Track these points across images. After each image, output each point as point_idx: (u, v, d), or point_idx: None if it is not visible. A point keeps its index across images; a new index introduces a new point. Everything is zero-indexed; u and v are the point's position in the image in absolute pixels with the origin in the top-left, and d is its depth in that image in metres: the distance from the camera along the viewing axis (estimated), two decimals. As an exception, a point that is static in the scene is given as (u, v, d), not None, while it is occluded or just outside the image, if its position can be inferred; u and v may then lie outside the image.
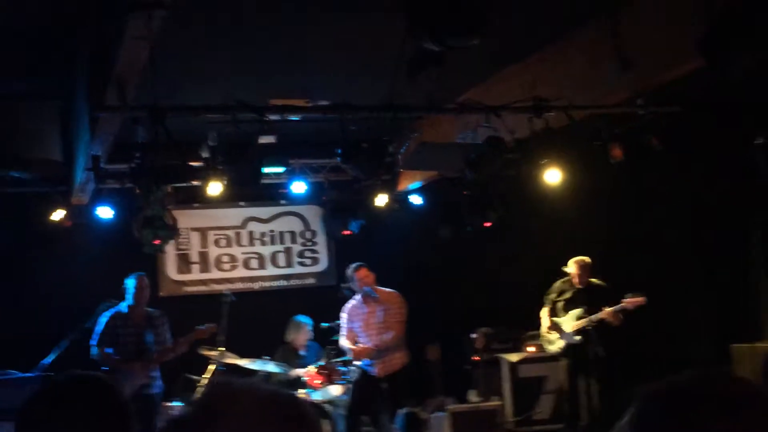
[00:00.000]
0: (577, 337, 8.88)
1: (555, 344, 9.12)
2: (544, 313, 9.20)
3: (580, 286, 8.97)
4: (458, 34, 4.24)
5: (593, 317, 8.70)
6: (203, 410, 1.44)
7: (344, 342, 9.03)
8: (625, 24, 6.51)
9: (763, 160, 6.49)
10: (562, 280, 9.18)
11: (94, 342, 8.28)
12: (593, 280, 8.99)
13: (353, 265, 9.06)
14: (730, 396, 1.41)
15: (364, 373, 8.84)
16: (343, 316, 9.06)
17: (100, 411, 2.02)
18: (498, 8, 4.79)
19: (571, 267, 9.03)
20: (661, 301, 9.11)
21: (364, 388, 8.78)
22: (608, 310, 8.60)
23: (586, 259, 9.00)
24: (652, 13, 6.31)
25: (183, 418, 1.47)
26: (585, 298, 8.87)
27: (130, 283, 8.44)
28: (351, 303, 9.12)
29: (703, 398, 1.41)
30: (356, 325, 8.94)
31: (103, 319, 8.36)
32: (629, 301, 8.53)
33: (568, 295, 9.07)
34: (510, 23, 6.08)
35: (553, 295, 9.18)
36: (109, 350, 8.29)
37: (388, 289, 9.01)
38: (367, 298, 8.92)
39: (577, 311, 8.89)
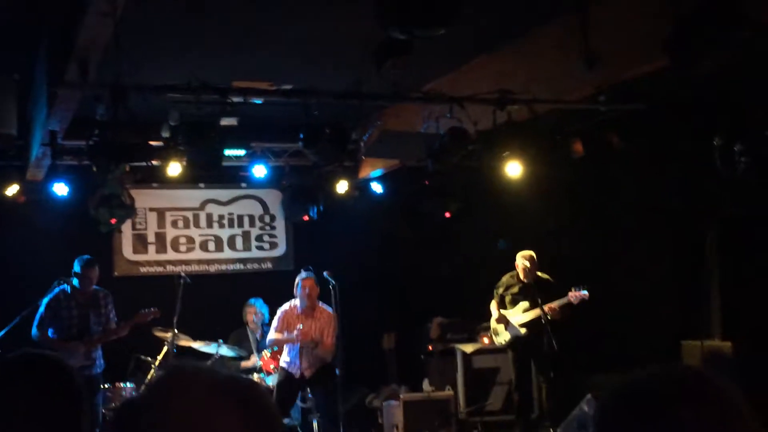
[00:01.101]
0: (523, 330, 8.97)
1: (501, 336, 9.23)
2: (494, 306, 9.28)
3: (525, 280, 9.04)
4: (425, 23, 4.22)
5: (537, 311, 8.77)
6: (157, 392, 1.42)
7: (274, 335, 8.85)
8: (593, 20, 6.54)
9: (721, 161, 6.58)
10: (510, 273, 9.26)
11: (35, 324, 8.18)
12: (540, 274, 9.07)
13: (304, 273, 8.89)
14: (691, 389, 1.42)
15: (287, 375, 8.73)
16: (278, 316, 8.88)
17: (51, 390, 1.99)
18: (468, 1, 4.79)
19: (518, 261, 9.10)
20: (615, 296, 9.23)
21: (287, 390, 8.68)
22: (552, 305, 8.68)
23: (532, 253, 9.09)
24: (620, 11, 6.35)
25: (137, 400, 1.45)
26: (531, 292, 8.95)
27: (77, 266, 8.30)
28: (288, 307, 8.88)
29: (665, 393, 1.42)
30: (288, 334, 8.77)
31: (45, 300, 8.24)
32: (573, 295, 8.62)
33: (515, 289, 9.16)
34: (478, 14, 6.07)
35: (501, 289, 9.27)
36: (50, 330, 8.18)
37: (326, 307, 8.84)
38: (307, 312, 8.76)
39: (523, 304, 8.99)
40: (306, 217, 9.19)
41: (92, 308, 8.38)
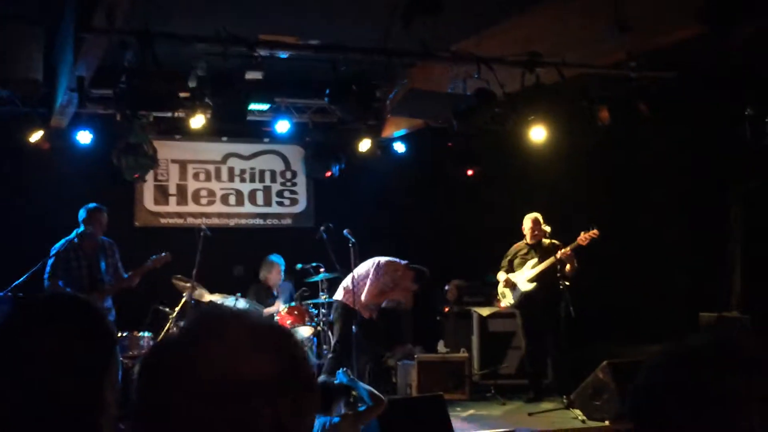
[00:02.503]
0: (532, 285, 8.98)
1: (508, 298, 9.26)
2: (500, 273, 9.31)
3: (532, 242, 9.08)
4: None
5: (546, 262, 8.79)
6: (191, 335, 1.41)
7: None
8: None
9: (751, 132, 6.49)
10: (517, 243, 9.29)
11: (46, 275, 8.09)
12: (548, 240, 9.08)
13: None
14: (745, 358, 1.41)
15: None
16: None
17: (84, 332, 1.99)
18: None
19: (524, 223, 9.14)
20: (634, 265, 9.19)
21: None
22: (562, 250, 8.67)
23: (537, 214, 9.14)
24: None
25: (171, 340, 1.45)
26: (539, 252, 8.99)
27: (83, 213, 8.25)
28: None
29: (721, 360, 1.41)
30: None
31: (53, 251, 8.16)
32: (582, 237, 8.59)
33: (523, 251, 9.20)
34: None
35: (509, 256, 9.32)
36: (61, 282, 8.11)
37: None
38: None
39: (531, 262, 9.02)
40: (328, 174, 9.16)
41: (101, 257, 8.36)
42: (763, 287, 8.13)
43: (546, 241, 9.11)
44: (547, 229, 9.15)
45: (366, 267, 9.06)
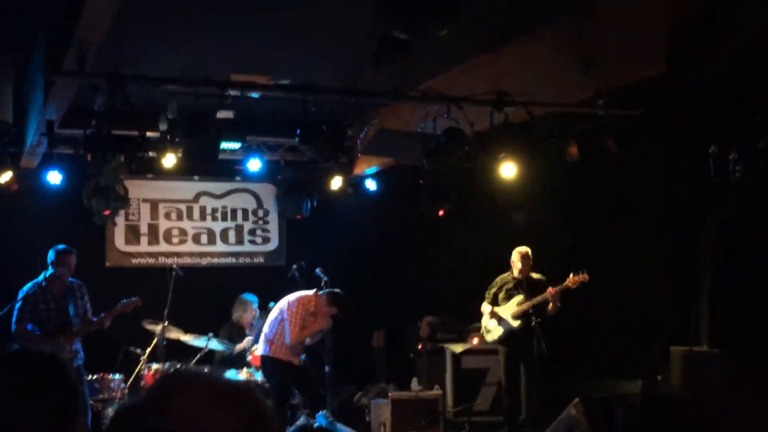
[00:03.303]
0: (516, 323, 8.97)
1: (494, 332, 9.23)
2: (485, 305, 9.30)
3: (520, 277, 9.09)
4: (427, 23, 4.22)
5: (535, 300, 8.80)
6: (156, 396, 1.42)
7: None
8: (592, 24, 6.56)
9: (715, 169, 6.61)
10: (503, 274, 9.30)
11: (14, 319, 7.97)
12: (533, 273, 9.11)
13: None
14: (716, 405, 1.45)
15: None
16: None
17: (46, 385, 1.98)
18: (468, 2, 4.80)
19: (513, 257, 9.15)
20: (604, 300, 9.26)
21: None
22: (551, 289, 8.69)
23: (527, 249, 9.14)
24: (619, 16, 6.37)
25: (133, 404, 1.45)
26: (525, 288, 9.00)
27: (52, 255, 8.15)
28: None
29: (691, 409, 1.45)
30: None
31: (21, 294, 8.06)
32: (572, 280, 8.63)
33: (509, 285, 9.20)
34: (478, 15, 6.08)
35: (494, 288, 9.30)
36: (29, 326, 8.02)
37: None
38: None
39: (517, 298, 9.02)
40: (298, 216, 9.18)
41: (69, 300, 8.27)
42: (732, 321, 8.21)
43: (534, 275, 9.11)
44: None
45: (278, 311, 8.76)
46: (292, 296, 8.80)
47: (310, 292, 8.81)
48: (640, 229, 9.26)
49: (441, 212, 8.54)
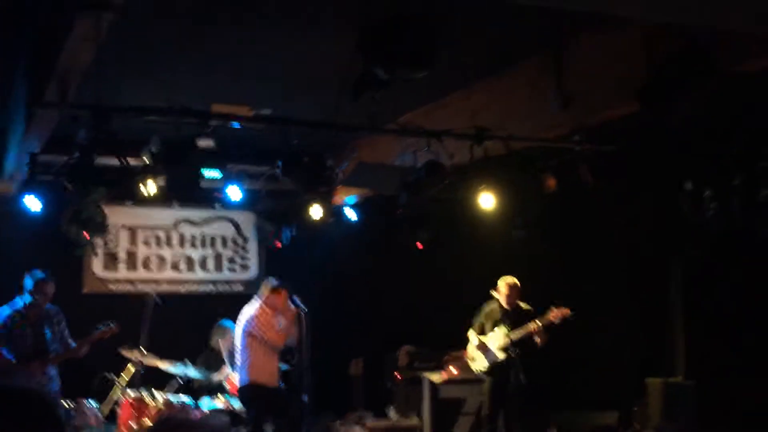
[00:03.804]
0: (502, 355, 8.96)
1: (479, 363, 9.21)
2: (472, 333, 9.28)
3: (507, 308, 9.09)
4: (407, 65, 4.30)
5: (519, 332, 8.80)
6: None
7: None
8: (569, 62, 6.67)
9: (689, 205, 6.71)
10: (490, 302, 9.30)
11: None
12: (521, 303, 9.13)
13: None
14: None
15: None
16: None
17: (35, 425, 2.00)
18: (445, 37, 4.88)
19: (501, 287, 9.15)
20: (579, 332, 9.32)
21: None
22: (535, 323, 8.71)
23: (515, 280, 9.14)
24: (595, 54, 6.48)
25: None
26: (512, 319, 9.00)
27: (29, 282, 8.14)
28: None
29: None
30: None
31: None
32: (555, 314, 8.66)
33: (496, 315, 9.17)
34: (455, 52, 6.18)
35: (481, 316, 9.28)
36: (5, 350, 8.00)
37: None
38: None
39: (503, 330, 9.01)
40: (279, 244, 9.20)
41: (46, 326, 8.24)
42: (706, 353, 8.30)
43: (522, 306, 9.12)
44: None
45: (241, 338, 8.78)
46: (243, 317, 8.82)
47: (255, 303, 8.86)
48: (616, 261, 9.35)
49: (420, 245, 8.58)
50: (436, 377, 10.10)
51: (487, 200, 8.39)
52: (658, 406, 8.54)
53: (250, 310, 8.82)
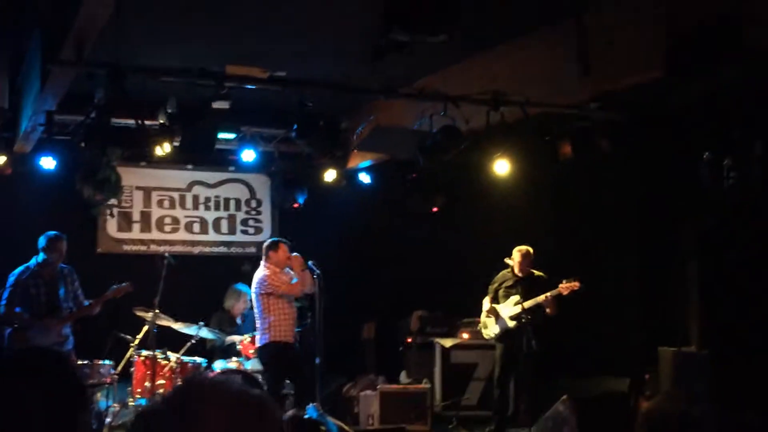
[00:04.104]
0: (512, 323, 8.99)
1: (491, 329, 9.25)
2: (486, 300, 9.31)
3: (520, 275, 9.08)
4: (429, 28, 4.24)
5: (530, 302, 8.83)
6: (177, 402, 1.46)
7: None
8: (590, 27, 6.58)
9: (707, 174, 6.65)
10: (505, 270, 9.30)
11: (3, 302, 8.00)
12: (534, 271, 9.12)
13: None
14: None
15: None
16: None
17: (57, 387, 2.01)
18: (466, 1, 4.81)
19: (514, 255, 9.15)
20: (593, 300, 9.31)
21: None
22: (544, 295, 8.74)
23: (528, 248, 9.13)
24: (617, 20, 6.39)
25: (156, 409, 1.49)
26: (524, 287, 9.00)
27: (42, 240, 8.17)
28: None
29: None
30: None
31: (11, 278, 8.10)
32: (564, 286, 8.68)
33: (508, 283, 9.19)
34: (476, 16, 6.10)
35: (495, 284, 9.30)
36: (19, 309, 8.03)
37: None
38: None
39: (514, 298, 9.02)
40: (296, 205, 9.19)
41: (60, 284, 8.29)
42: (720, 322, 8.27)
43: (535, 273, 9.12)
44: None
45: (256, 301, 8.79)
46: (254, 283, 8.82)
47: (261, 267, 8.84)
48: (631, 229, 9.31)
49: (435, 209, 8.56)
50: (448, 342, 10.13)
51: (502, 166, 8.36)
52: (670, 374, 8.54)
53: (258, 274, 8.85)
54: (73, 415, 2.02)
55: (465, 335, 10.07)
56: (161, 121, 6.72)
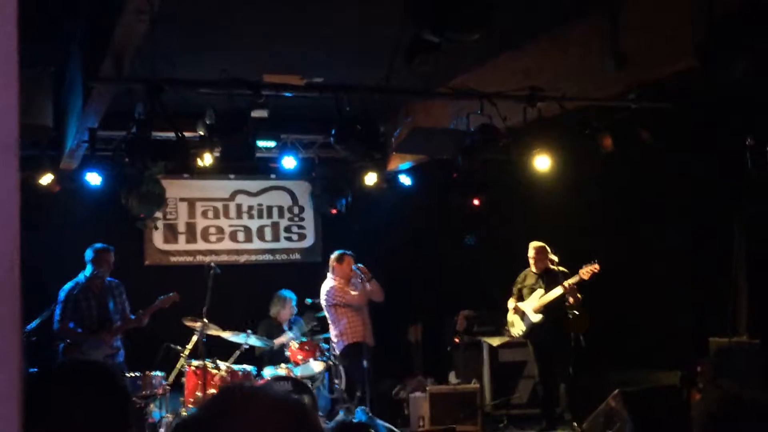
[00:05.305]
0: (538, 317, 9.02)
1: (517, 327, 9.29)
2: (511, 300, 9.36)
3: (537, 271, 9.14)
4: (460, 28, 4.25)
5: (551, 293, 8.84)
6: (215, 411, 1.49)
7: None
8: (623, 18, 6.53)
9: (752, 161, 6.56)
10: (527, 269, 9.34)
11: (56, 318, 8.16)
12: (556, 267, 9.11)
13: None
14: None
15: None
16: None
17: (103, 397, 2.05)
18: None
19: (529, 252, 9.20)
20: (641, 293, 9.22)
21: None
22: (565, 283, 8.73)
23: (541, 243, 9.20)
24: (650, 10, 6.34)
25: (195, 418, 1.52)
26: (545, 282, 9.03)
27: (89, 253, 8.35)
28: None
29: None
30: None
31: (62, 293, 8.25)
32: (584, 271, 8.65)
33: (530, 281, 9.24)
34: (508, 11, 6.08)
35: (518, 284, 9.36)
36: (71, 324, 8.19)
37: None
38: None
39: (538, 292, 9.05)
40: (335, 211, 9.28)
41: (108, 297, 8.43)
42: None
43: (554, 268, 9.13)
44: (554, 258, 9.20)
45: (327, 312, 9.30)
46: (322, 294, 9.27)
47: (328, 278, 9.29)
48: (678, 220, 9.21)
49: (476, 202, 8.56)
50: (496, 341, 10.10)
51: (542, 162, 8.33)
52: (723, 365, 8.42)
53: (325, 286, 9.24)
54: (120, 426, 2.07)
55: (512, 333, 10.02)
56: (200, 133, 6.81)
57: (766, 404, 1.59)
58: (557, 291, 8.81)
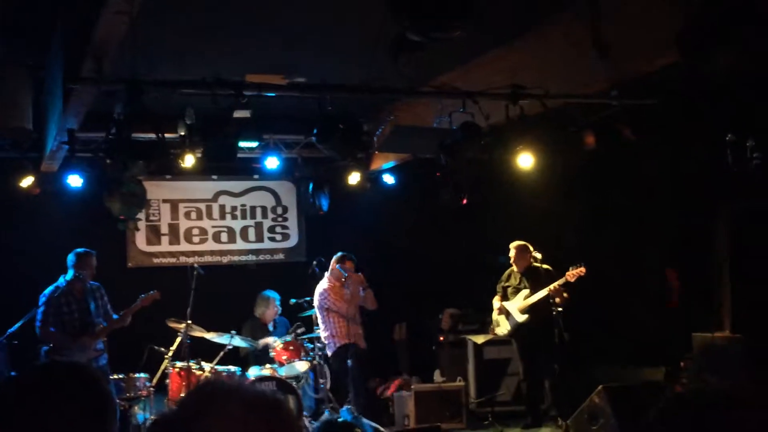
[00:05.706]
0: (524, 317, 9.06)
1: (502, 327, 9.33)
2: (496, 299, 9.39)
3: (518, 270, 9.18)
4: (440, 26, 4.23)
5: (537, 295, 8.87)
6: (190, 409, 1.47)
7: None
8: (605, 14, 6.55)
9: (733, 157, 6.59)
10: (510, 268, 9.37)
11: (38, 323, 8.09)
12: (540, 264, 9.14)
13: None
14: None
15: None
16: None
17: (83, 398, 2.02)
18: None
19: (511, 252, 9.23)
20: (624, 288, 9.25)
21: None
22: (551, 286, 8.75)
23: (521, 242, 9.23)
24: (632, 5, 6.35)
25: (170, 417, 1.50)
26: (529, 281, 9.06)
27: (71, 258, 8.31)
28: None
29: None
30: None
31: (43, 298, 8.19)
32: (571, 274, 8.69)
33: (514, 280, 9.28)
34: (490, 9, 6.08)
35: (503, 282, 9.40)
36: (52, 329, 8.14)
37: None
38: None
39: (523, 292, 9.09)
40: (321, 212, 9.32)
41: (90, 300, 8.38)
42: (753, 307, 8.19)
43: (537, 266, 9.16)
44: (537, 255, 9.22)
45: (318, 313, 9.37)
46: (316, 294, 9.35)
47: (324, 279, 9.35)
48: (661, 217, 9.24)
49: (464, 201, 8.56)
50: (480, 339, 10.12)
51: (525, 160, 8.33)
52: (706, 361, 8.47)
53: (319, 287, 9.32)
54: (100, 428, 2.04)
55: (497, 332, 10.04)
56: (181, 133, 6.76)
57: (729, 394, 1.60)
58: (542, 293, 8.83)
